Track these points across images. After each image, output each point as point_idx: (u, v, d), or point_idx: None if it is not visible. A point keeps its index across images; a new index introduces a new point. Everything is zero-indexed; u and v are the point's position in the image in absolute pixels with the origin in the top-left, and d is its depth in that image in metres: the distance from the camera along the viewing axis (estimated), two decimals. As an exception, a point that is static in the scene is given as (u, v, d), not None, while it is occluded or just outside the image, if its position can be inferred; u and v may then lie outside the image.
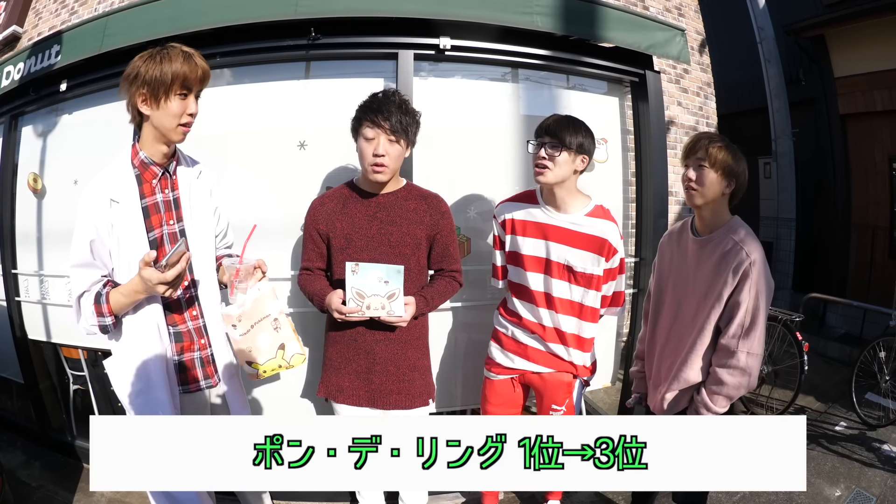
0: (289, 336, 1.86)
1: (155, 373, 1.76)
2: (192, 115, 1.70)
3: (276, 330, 1.83)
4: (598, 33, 2.83)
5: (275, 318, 1.83)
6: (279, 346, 1.84)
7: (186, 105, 1.67)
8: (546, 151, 2.13)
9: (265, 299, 1.81)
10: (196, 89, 1.69)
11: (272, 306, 1.82)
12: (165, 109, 1.64)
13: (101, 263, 1.71)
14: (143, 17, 2.67)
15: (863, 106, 6.93)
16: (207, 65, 1.70)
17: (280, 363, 1.85)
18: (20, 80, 3.21)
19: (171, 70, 1.60)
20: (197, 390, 1.89)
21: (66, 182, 3.22)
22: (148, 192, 1.76)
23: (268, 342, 1.82)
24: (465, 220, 2.89)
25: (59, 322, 3.38)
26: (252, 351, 1.80)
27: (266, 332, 1.81)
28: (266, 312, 1.81)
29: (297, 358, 1.88)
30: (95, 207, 1.69)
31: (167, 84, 1.61)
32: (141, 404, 1.77)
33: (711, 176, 1.94)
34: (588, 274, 2.22)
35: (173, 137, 1.71)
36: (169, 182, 1.81)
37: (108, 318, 1.67)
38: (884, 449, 3.73)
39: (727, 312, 1.93)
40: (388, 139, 2.01)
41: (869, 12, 6.39)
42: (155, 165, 1.76)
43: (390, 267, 1.98)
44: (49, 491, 3.12)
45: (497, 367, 2.44)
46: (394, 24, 2.65)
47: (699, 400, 2.02)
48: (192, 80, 1.65)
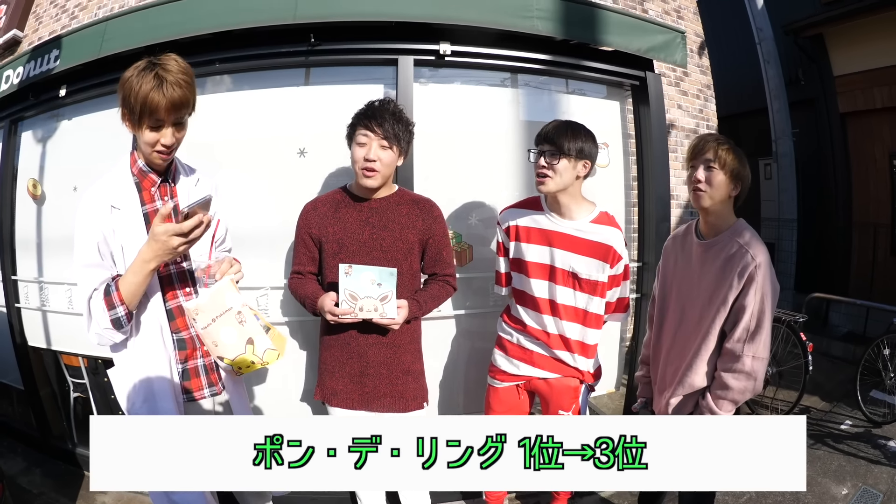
0: (256, 330, 1.76)
1: (159, 382, 1.75)
2: (165, 146, 1.67)
3: (241, 324, 1.73)
4: (597, 37, 2.82)
5: (238, 312, 1.73)
6: (247, 341, 1.75)
7: (159, 136, 1.64)
8: (546, 160, 2.12)
9: (223, 292, 1.72)
10: (169, 120, 1.64)
11: (232, 299, 1.73)
12: (141, 136, 1.65)
13: (109, 264, 1.70)
14: (142, 23, 2.66)
15: (862, 104, 6.95)
16: (182, 90, 1.62)
17: (252, 359, 1.76)
18: (19, 84, 3.20)
19: (140, 98, 1.56)
20: (201, 398, 1.88)
21: (65, 188, 3.21)
22: (147, 200, 1.76)
23: (233, 336, 1.73)
24: (467, 228, 2.88)
25: (59, 329, 3.38)
26: (218, 346, 1.74)
27: (230, 327, 1.73)
28: (227, 306, 1.72)
29: (269, 354, 1.78)
30: (96, 213, 1.68)
31: (137, 113, 1.59)
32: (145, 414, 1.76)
33: (720, 177, 1.93)
34: (593, 281, 2.21)
35: (153, 160, 1.72)
36: (168, 189, 1.81)
37: (121, 308, 1.61)
38: (890, 446, 3.73)
39: (732, 316, 1.92)
40: (379, 144, 2.03)
41: (866, 9, 6.42)
42: (153, 173, 1.77)
43: (383, 269, 1.98)
44: (50, 498, 3.11)
45: (502, 375, 2.43)
46: (394, 30, 2.65)
47: (704, 405, 2.00)
48: (158, 111, 1.59)
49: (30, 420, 3.67)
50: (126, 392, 1.78)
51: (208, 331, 1.71)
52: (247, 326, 1.74)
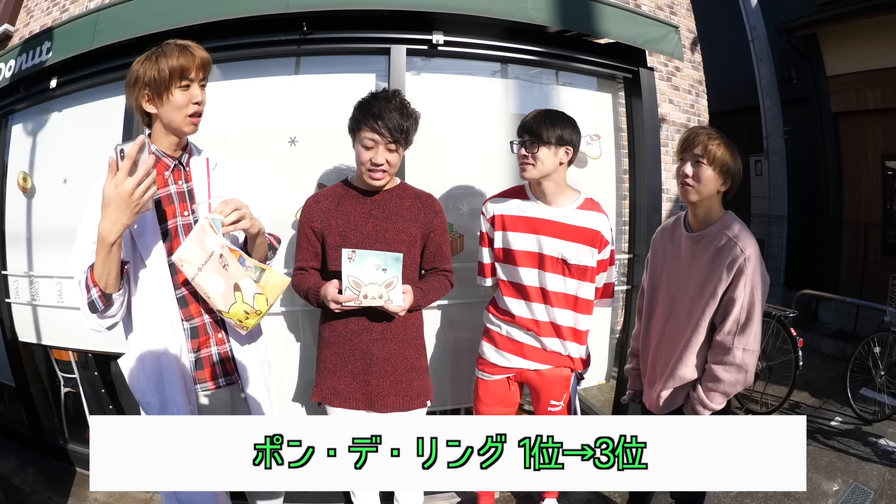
0: (240, 273, 1.61)
1: (169, 372, 1.71)
2: (198, 104, 1.67)
3: (225, 268, 1.60)
4: (593, 28, 2.81)
5: (220, 255, 1.59)
6: (234, 288, 1.62)
7: (190, 95, 1.65)
8: (526, 149, 2.14)
9: (201, 236, 1.58)
10: (198, 77, 1.66)
11: (212, 242, 1.58)
12: (170, 104, 1.63)
13: None
14: (133, 13, 2.64)
15: (855, 104, 6.98)
16: (206, 52, 1.68)
17: (245, 308, 1.63)
18: (10, 77, 3.18)
19: (167, 66, 1.59)
20: (217, 388, 1.84)
21: (56, 181, 3.19)
22: (160, 184, 1.72)
23: (221, 285, 1.61)
24: (457, 217, 2.88)
25: (50, 324, 3.35)
26: (211, 298, 1.62)
27: (217, 274, 1.60)
28: (209, 250, 1.58)
29: (259, 300, 1.62)
30: None
31: (167, 80, 1.60)
32: (155, 405, 1.73)
33: (709, 173, 1.91)
34: (582, 266, 2.22)
35: (184, 129, 1.69)
36: (182, 174, 1.79)
37: (94, 291, 1.52)
38: (880, 443, 3.75)
39: (722, 309, 1.92)
40: (387, 148, 2.00)
41: (861, 12, 6.45)
42: (167, 157, 1.74)
43: (388, 254, 1.94)
44: (43, 496, 3.09)
45: (491, 367, 2.42)
46: (386, 19, 2.64)
47: (695, 397, 2.01)
48: (190, 70, 1.62)
49: (21, 417, 3.64)
50: (136, 382, 1.75)
51: (197, 282, 1.61)
52: (230, 270, 1.61)
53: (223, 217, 1.60)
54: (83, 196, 3.06)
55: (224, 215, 1.60)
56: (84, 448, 3.40)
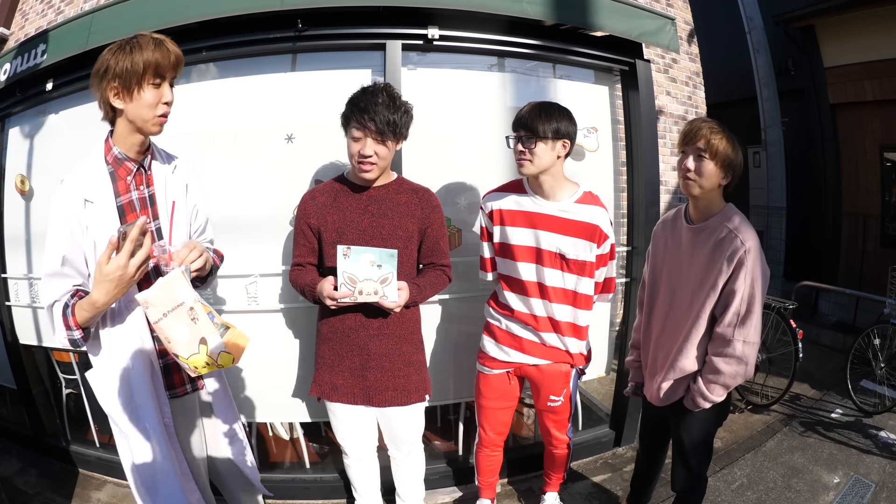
0: (209, 330, 1.59)
1: (138, 382, 1.69)
2: (167, 104, 1.63)
3: (194, 321, 1.57)
4: (588, 21, 2.81)
5: (190, 308, 1.57)
6: (200, 341, 1.59)
7: (161, 94, 1.60)
8: (522, 145, 2.13)
9: (172, 285, 1.56)
10: (170, 76, 1.62)
11: (183, 293, 1.56)
12: (139, 101, 1.57)
13: (75, 272, 1.63)
14: (128, 13, 2.64)
15: (853, 96, 6.98)
16: (180, 50, 1.62)
17: (207, 360, 1.60)
18: (6, 80, 3.17)
19: (142, 59, 1.53)
20: (184, 394, 1.84)
21: (53, 183, 3.12)
22: (122, 190, 1.68)
23: (186, 335, 1.58)
24: (454, 212, 2.88)
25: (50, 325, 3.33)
26: (171, 342, 1.59)
27: (182, 324, 1.57)
28: (178, 300, 1.56)
29: (224, 357, 1.61)
30: (69, 209, 1.61)
31: (139, 74, 1.53)
32: (126, 417, 1.71)
33: (710, 167, 1.91)
34: (581, 261, 2.21)
35: (150, 129, 1.64)
36: (144, 178, 1.73)
37: (76, 332, 1.57)
38: (881, 436, 3.75)
39: (722, 301, 1.92)
40: (374, 139, 2.00)
41: (858, 3, 6.43)
42: (129, 161, 1.68)
43: (383, 251, 1.95)
44: (46, 498, 3.09)
45: (491, 361, 2.43)
46: (381, 14, 2.63)
47: (695, 389, 2.01)
48: (164, 68, 1.57)
49: (23, 420, 3.64)
50: (106, 395, 1.73)
51: (160, 326, 1.58)
52: (199, 324, 1.58)
53: (189, 265, 1.61)
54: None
55: (189, 262, 1.61)
56: (87, 449, 3.40)
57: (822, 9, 6.89)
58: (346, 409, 2.25)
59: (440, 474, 3.08)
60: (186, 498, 1.76)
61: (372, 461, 2.47)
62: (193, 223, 1.90)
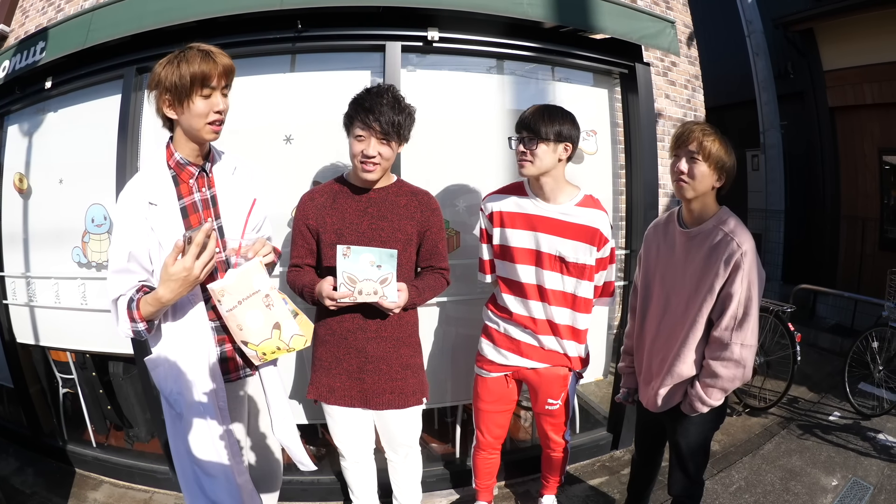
0: (284, 315, 1.73)
1: (197, 366, 1.75)
2: (219, 113, 1.68)
3: (269, 307, 1.70)
4: (588, 23, 2.81)
5: (266, 295, 1.69)
6: (273, 326, 1.72)
7: (211, 103, 1.65)
8: (524, 146, 2.13)
9: (251, 273, 1.68)
10: (220, 85, 1.67)
11: (260, 281, 1.69)
12: (190, 111, 1.64)
13: (140, 268, 1.70)
14: (127, 12, 2.64)
15: (852, 99, 6.97)
16: (229, 58, 1.68)
17: (278, 344, 1.74)
18: (5, 78, 3.17)
19: (189, 72, 1.58)
20: (237, 379, 1.89)
21: (51, 181, 3.18)
22: (185, 193, 1.76)
23: (259, 321, 1.71)
24: (453, 214, 2.88)
25: (47, 325, 3.35)
26: (243, 330, 1.71)
27: (257, 310, 1.70)
28: (254, 288, 1.68)
29: (296, 340, 1.74)
30: (134, 210, 1.68)
31: (187, 86, 1.60)
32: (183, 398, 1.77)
33: (703, 170, 1.90)
34: (580, 264, 2.20)
35: (204, 136, 1.70)
36: (206, 180, 1.81)
37: (141, 325, 1.65)
38: (879, 438, 3.75)
39: (719, 304, 1.91)
40: (378, 140, 2.00)
41: (857, 6, 6.43)
42: (191, 165, 1.76)
43: (383, 251, 1.95)
44: (43, 497, 3.09)
45: (489, 365, 2.42)
46: (381, 15, 2.63)
47: (693, 393, 2.01)
48: (211, 78, 1.62)
49: (20, 419, 3.64)
50: (164, 377, 1.79)
51: (233, 313, 1.69)
52: (274, 310, 1.71)
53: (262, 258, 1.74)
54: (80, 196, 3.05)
55: (262, 255, 1.74)
56: (83, 449, 3.39)
57: (822, 12, 6.89)
58: (344, 412, 2.24)
59: (437, 477, 3.07)
60: (236, 478, 1.81)
61: (369, 463, 2.46)
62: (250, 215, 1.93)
